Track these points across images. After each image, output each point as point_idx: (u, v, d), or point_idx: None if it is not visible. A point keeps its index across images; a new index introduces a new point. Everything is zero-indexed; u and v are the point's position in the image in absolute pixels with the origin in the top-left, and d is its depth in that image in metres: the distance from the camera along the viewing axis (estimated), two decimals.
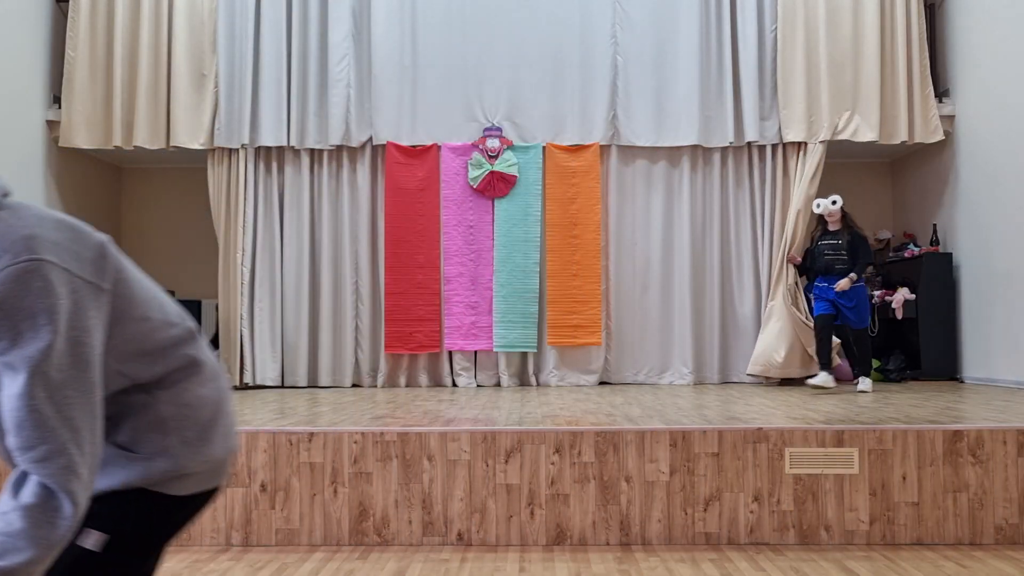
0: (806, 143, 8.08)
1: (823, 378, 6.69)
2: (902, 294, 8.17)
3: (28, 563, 1.32)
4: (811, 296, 7.20)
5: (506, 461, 4.31)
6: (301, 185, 8.21)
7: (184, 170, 9.05)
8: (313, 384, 8.06)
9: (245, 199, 8.13)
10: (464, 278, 8.08)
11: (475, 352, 8.12)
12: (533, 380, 8.05)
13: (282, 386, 8.01)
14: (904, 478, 4.26)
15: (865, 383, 6.88)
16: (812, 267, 7.09)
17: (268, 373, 8.04)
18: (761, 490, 4.27)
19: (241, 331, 8.05)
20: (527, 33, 8.16)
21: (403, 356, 8.11)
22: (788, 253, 7.75)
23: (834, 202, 6.91)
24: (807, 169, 8.00)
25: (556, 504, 4.29)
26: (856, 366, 7.05)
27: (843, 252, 6.82)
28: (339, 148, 8.21)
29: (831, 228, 6.97)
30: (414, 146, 8.15)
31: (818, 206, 7.03)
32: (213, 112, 8.10)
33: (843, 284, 6.71)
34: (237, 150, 8.15)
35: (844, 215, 6.96)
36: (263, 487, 4.33)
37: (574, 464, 4.31)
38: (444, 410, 5.57)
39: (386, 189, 8.12)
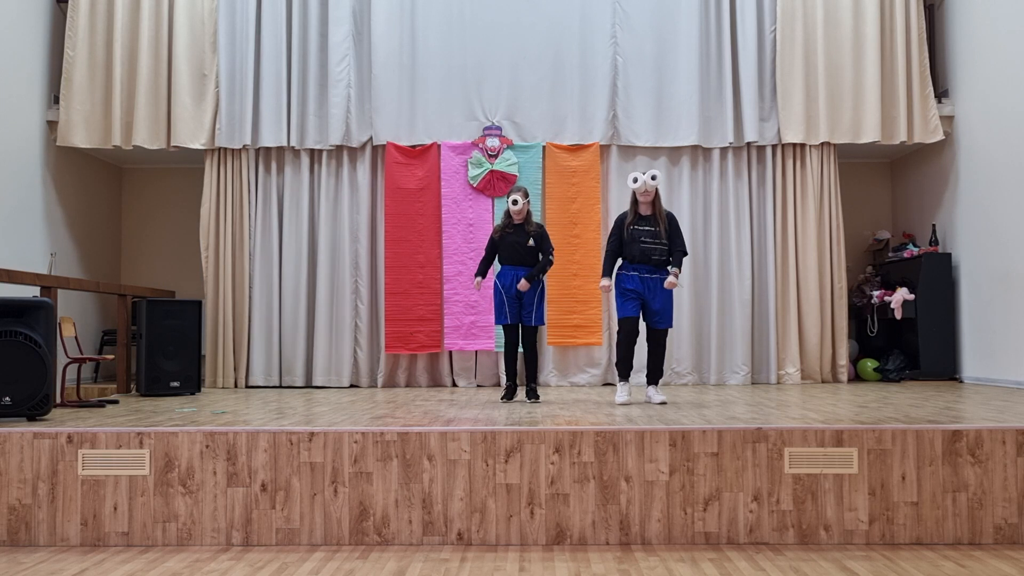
0: (805, 144, 8.13)
1: (626, 393, 6.01)
2: (901, 294, 8.18)
3: None
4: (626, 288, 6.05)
5: (506, 461, 4.31)
6: (301, 185, 8.22)
7: (184, 170, 9.05)
8: (309, 384, 8.07)
9: (249, 199, 8.15)
10: (464, 277, 8.08)
11: (475, 352, 8.12)
12: None
13: (280, 386, 8.02)
14: (903, 478, 4.27)
15: (660, 393, 6.12)
16: (622, 255, 6.07)
17: (266, 373, 8.05)
18: (760, 490, 4.28)
19: (239, 330, 8.07)
20: (527, 33, 8.16)
21: (403, 356, 8.11)
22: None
23: (653, 176, 5.91)
24: (823, 173, 8.13)
25: (556, 504, 4.29)
26: (650, 373, 6.17)
27: (661, 239, 5.95)
28: (339, 148, 8.22)
29: (643, 212, 6.01)
30: (414, 146, 8.15)
31: (635, 180, 5.95)
32: (214, 112, 8.10)
33: (673, 284, 5.93)
34: (238, 150, 8.17)
35: (656, 196, 6.03)
36: (263, 487, 4.33)
37: (574, 464, 4.31)
38: (444, 410, 5.57)
39: (386, 189, 8.12)
